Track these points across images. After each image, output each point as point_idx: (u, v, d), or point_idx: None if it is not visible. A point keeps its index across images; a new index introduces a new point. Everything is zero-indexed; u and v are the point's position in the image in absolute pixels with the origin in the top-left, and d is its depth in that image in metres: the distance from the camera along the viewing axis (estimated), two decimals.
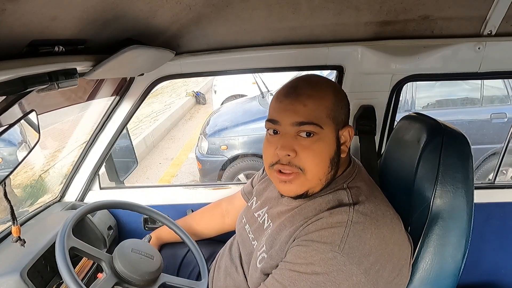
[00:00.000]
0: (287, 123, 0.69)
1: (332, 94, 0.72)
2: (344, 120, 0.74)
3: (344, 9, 0.91)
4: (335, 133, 0.71)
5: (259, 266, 0.77)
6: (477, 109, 3.20)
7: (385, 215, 0.69)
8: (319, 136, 0.69)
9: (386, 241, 0.66)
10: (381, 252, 0.64)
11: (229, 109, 4.02)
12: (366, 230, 0.64)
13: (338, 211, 0.67)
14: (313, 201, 0.74)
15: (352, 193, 0.72)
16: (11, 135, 0.75)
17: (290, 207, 0.78)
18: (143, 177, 4.09)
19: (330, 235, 0.64)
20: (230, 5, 0.87)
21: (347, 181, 0.75)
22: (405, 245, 0.71)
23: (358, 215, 0.66)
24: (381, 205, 0.71)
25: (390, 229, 0.68)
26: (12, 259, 0.91)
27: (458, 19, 0.97)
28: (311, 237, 0.66)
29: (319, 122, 0.69)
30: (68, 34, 0.64)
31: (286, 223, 0.75)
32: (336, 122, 0.72)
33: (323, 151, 0.70)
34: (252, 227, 0.89)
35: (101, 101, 1.26)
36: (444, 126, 0.79)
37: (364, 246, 0.63)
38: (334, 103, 0.71)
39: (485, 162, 3.07)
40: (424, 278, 0.75)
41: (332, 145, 0.71)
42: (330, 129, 0.70)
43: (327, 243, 0.63)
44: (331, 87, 0.74)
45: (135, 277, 0.88)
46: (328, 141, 0.70)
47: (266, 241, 0.78)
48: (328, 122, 0.70)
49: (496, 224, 1.32)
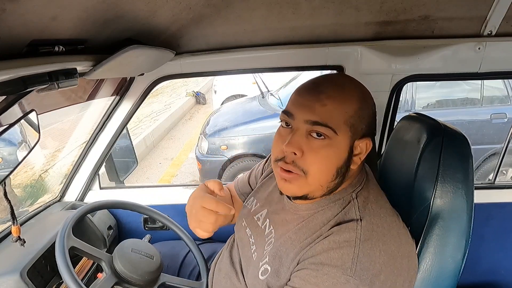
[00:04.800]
0: (301, 119, 0.66)
1: (357, 100, 0.67)
2: (364, 131, 0.68)
3: (344, 9, 0.91)
4: (349, 142, 0.66)
5: (262, 278, 0.73)
6: (477, 109, 3.20)
7: (391, 226, 0.67)
8: (331, 141, 0.65)
9: (394, 257, 0.64)
10: (391, 268, 0.63)
11: (229, 109, 4.02)
12: (375, 248, 0.62)
13: (346, 228, 0.65)
14: (321, 212, 0.71)
15: (360, 204, 0.69)
16: (11, 135, 0.75)
17: (296, 216, 0.75)
18: (143, 177, 4.09)
19: (339, 256, 0.61)
20: (230, 5, 0.87)
21: (356, 190, 0.71)
22: (413, 255, 0.70)
23: (365, 232, 0.63)
24: (387, 216, 0.69)
25: (397, 242, 0.66)
26: (12, 259, 0.91)
27: (458, 19, 0.97)
28: (320, 259, 0.62)
29: (334, 126, 0.64)
30: (68, 34, 0.64)
31: (292, 236, 0.71)
32: (354, 131, 0.66)
33: (331, 158, 0.66)
34: (253, 232, 0.85)
35: (101, 101, 1.26)
36: (444, 126, 0.79)
37: (374, 266, 0.61)
38: (356, 111, 0.66)
39: (485, 162, 3.07)
40: (424, 278, 0.75)
41: (342, 154, 0.66)
42: (344, 137, 0.65)
43: (337, 266, 0.60)
44: (359, 92, 0.69)
45: (135, 277, 0.88)
46: (339, 149, 0.66)
47: (270, 253, 0.74)
48: (344, 129, 0.65)
49: (496, 224, 1.32)
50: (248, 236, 0.86)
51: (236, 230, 0.93)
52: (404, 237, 0.69)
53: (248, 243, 0.84)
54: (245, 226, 0.88)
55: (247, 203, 0.94)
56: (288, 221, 0.75)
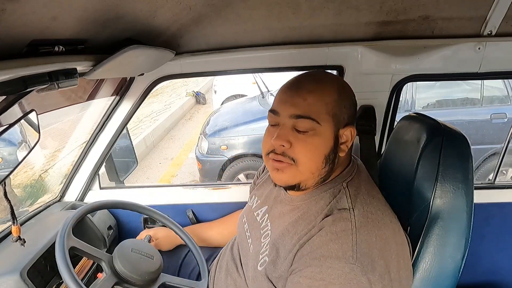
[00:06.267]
0: (286, 114, 0.71)
1: (336, 92, 0.72)
2: (346, 119, 0.73)
3: (344, 9, 0.91)
4: (333, 130, 0.71)
5: (261, 269, 0.75)
6: (477, 109, 3.20)
7: (384, 215, 0.69)
8: (316, 131, 0.69)
9: (389, 242, 0.66)
10: (388, 253, 0.64)
11: (229, 109, 4.02)
12: (371, 233, 0.64)
13: (340, 217, 0.66)
14: (314, 203, 0.74)
15: (351, 193, 0.71)
16: (11, 135, 0.75)
17: (292, 207, 0.77)
18: (143, 177, 4.09)
19: (339, 247, 0.62)
20: (230, 5, 0.87)
21: (346, 180, 0.75)
22: (405, 245, 0.72)
23: (360, 218, 0.66)
24: (380, 205, 0.71)
25: (391, 230, 0.68)
26: (12, 259, 0.91)
27: (458, 19, 0.97)
28: (321, 253, 0.63)
29: (316, 117, 0.69)
30: (68, 34, 0.64)
31: (290, 228, 0.74)
32: (337, 120, 0.71)
33: (318, 146, 0.70)
34: (249, 226, 0.89)
35: (101, 101, 1.26)
36: (444, 126, 0.79)
37: (373, 251, 0.62)
38: (335, 100, 0.71)
39: (485, 162, 3.07)
40: (424, 278, 0.75)
41: (328, 142, 0.71)
42: (328, 126, 0.70)
43: (339, 257, 0.61)
44: (336, 84, 0.73)
45: (135, 277, 0.88)
46: (324, 137, 0.70)
47: (269, 245, 0.77)
48: (326, 119, 0.70)
49: (496, 224, 1.32)
50: (245, 230, 0.90)
51: (238, 227, 0.96)
52: (397, 226, 0.71)
53: (245, 237, 0.88)
54: (245, 222, 0.92)
55: (249, 202, 0.98)
56: (285, 213, 0.79)
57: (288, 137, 0.70)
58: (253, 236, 0.86)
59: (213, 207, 1.33)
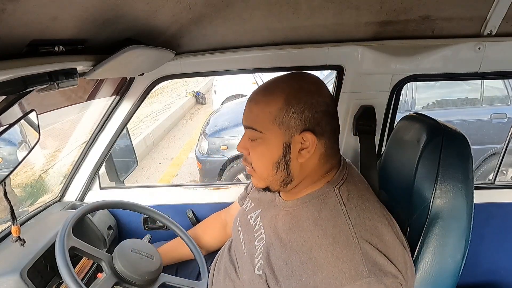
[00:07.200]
0: (244, 124, 0.76)
1: (282, 100, 0.70)
2: (301, 125, 0.70)
3: (344, 9, 0.91)
4: (282, 138, 0.70)
5: (259, 273, 0.76)
6: (477, 109, 3.20)
7: (381, 218, 0.69)
8: (263, 140, 0.72)
9: (391, 245, 0.66)
10: (393, 256, 0.64)
11: (229, 109, 4.02)
12: (373, 240, 0.64)
13: (339, 232, 0.66)
14: (305, 209, 0.74)
15: (344, 200, 0.70)
16: (11, 135, 0.75)
17: (285, 212, 0.78)
18: (143, 177, 4.09)
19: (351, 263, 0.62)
20: (230, 5, 0.87)
21: (338, 185, 0.73)
22: (405, 245, 0.71)
23: (359, 228, 0.65)
24: (375, 208, 0.71)
25: (390, 232, 0.68)
26: (12, 259, 0.91)
27: (458, 19, 0.97)
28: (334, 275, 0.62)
29: (259, 127, 0.72)
30: (68, 34, 0.64)
31: (283, 236, 0.74)
32: (287, 127, 0.70)
33: (265, 154, 0.73)
34: (243, 229, 0.90)
35: (101, 101, 1.26)
36: (444, 126, 0.79)
37: (381, 257, 0.62)
38: (280, 109, 0.69)
39: (485, 162, 3.07)
40: (424, 278, 0.75)
41: (275, 150, 0.71)
42: (274, 135, 0.71)
43: (355, 276, 0.60)
44: (284, 93, 0.70)
45: (135, 277, 0.88)
46: (271, 146, 0.72)
47: (263, 249, 0.77)
48: (271, 128, 0.70)
49: (496, 224, 1.32)
50: (239, 233, 0.91)
51: (232, 230, 0.97)
52: (394, 229, 0.71)
53: (239, 240, 0.89)
54: (238, 225, 0.93)
55: (243, 205, 0.99)
56: (278, 217, 0.79)
57: (246, 145, 0.76)
58: (246, 239, 0.86)
59: (213, 207, 1.33)
